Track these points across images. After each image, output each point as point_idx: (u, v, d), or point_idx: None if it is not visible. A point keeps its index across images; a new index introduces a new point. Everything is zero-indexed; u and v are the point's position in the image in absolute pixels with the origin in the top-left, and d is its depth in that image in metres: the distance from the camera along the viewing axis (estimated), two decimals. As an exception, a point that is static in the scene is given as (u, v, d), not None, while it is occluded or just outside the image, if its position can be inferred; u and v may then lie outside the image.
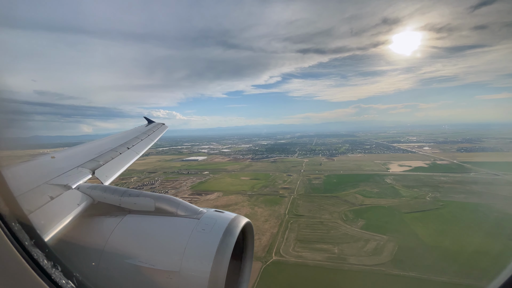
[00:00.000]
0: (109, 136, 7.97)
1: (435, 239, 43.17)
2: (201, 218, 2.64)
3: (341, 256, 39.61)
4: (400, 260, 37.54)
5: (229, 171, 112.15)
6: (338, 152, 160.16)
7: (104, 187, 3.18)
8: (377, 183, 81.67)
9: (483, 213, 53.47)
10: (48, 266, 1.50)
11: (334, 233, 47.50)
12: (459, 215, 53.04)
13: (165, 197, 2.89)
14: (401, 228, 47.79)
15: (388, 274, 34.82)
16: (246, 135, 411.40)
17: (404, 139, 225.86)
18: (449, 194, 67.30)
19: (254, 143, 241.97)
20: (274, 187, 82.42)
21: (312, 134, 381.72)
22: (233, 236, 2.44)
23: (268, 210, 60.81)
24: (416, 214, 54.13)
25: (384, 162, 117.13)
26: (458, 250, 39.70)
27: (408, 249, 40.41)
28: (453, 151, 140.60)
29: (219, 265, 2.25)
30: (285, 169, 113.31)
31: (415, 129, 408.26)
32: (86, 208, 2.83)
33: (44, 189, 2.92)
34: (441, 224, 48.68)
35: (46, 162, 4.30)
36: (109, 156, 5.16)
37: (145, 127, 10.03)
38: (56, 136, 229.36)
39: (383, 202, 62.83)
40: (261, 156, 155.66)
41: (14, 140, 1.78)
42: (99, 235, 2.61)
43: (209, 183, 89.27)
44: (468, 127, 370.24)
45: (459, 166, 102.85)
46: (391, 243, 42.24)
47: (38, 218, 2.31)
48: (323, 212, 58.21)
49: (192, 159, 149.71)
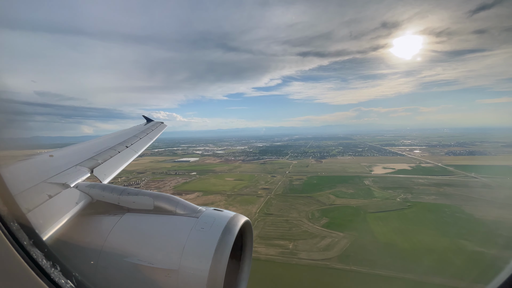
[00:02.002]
0: (107, 135, 8.02)
1: (389, 237, 44.98)
2: (200, 217, 2.64)
3: (294, 251, 41.64)
4: (347, 255, 39.45)
5: (216, 172, 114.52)
6: (329, 155, 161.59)
7: (102, 186, 3.18)
8: (355, 184, 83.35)
9: (446, 213, 55.03)
10: (47, 266, 1.49)
11: (295, 231, 49.52)
12: (421, 215, 54.69)
13: (164, 195, 2.89)
14: (360, 226, 49.57)
15: (330, 268, 36.76)
16: (245, 137, 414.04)
17: (399, 142, 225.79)
18: (420, 195, 68.79)
19: (250, 145, 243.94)
20: (255, 188, 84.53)
21: (310, 137, 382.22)
22: (232, 235, 2.45)
23: (240, 209, 62.89)
24: (380, 214, 55.86)
25: (370, 165, 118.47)
26: (406, 247, 41.49)
27: (358, 245, 42.29)
28: (442, 155, 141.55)
29: (218, 264, 2.25)
30: (272, 170, 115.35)
31: (413, 132, 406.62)
32: (84, 207, 2.82)
33: (42, 187, 2.90)
34: (400, 223, 50.41)
35: (44, 160, 4.29)
36: (108, 155, 5.17)
37: (144, 125, 10.11)
38: (57, 136, 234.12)
39: (353, 202, 64.62)
40: (253, 158, 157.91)
41: (15, 141, 1.76)
42: (98, 233, 2.60)
43: (192, 184, 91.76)
44: (468, 131, 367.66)
45: (442, 169, 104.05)
46: (345, 240, 44.15)
47: (36, 217, 2.28)
48: (292, 211, 60.22)
49: (183, 160, 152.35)
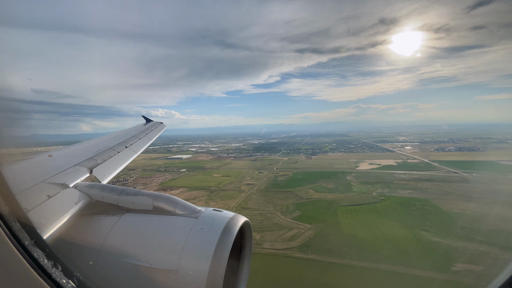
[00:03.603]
0: (107, 135, 8.05)
1: (353, 228, 46.89)
2: (199, 217, 2.64)
3: (259, 242, 43.59)
4: (308, 245, 41.45)
5: (205, 169, 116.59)
6: (321, 151, 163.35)
7: (102, 186, 3.18)
8: (337, 179, 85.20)
9: (415, 207, 56.79)
10: (49, 266, 1.50)
11: (266, 223, 51.52)
12: (391, 208, 56.49)
13: (163, 196, 2.90)
14: (329, 218, 51.56)
15: (289, 256, 38.79)
16: (242, 135, 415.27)
17: (393, 139, 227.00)
18: (397, 190, 70.57)
19: (245, 142, 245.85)
20: (239, 183, 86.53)
21: (307, 134, 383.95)
22: (231, 235, 2.45)
23: (220, 204, 65.00)
24: (352, 207, 57.72)
25: (358, 161, 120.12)
26: (367, 238, 43.41)
27: (321, 236, 44.30)
28: (431, 151, 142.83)
29: (217, 264, 2.25)
30: (261, 167, 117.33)
31: (411, 129, 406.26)
32: (83, 207, 2.82)
33: (41, 187, 2.89)
34: (367, 216, 52.26)
35: (44, 160, 4.28)
36: (107, 155, 5.18)
37: (143, 126, 10.13)
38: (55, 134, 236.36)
39: (329, 197, 66.53)
40: (245, 155, 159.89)
41: (15, 139, 1.77)
42: (97, 234, 2.60)
43: (179, 180, 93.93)
44: (466, 128, 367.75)
45: (427, 164, 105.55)
46: (310, 231, 46.14)
47: (36, 217, 2.27)
48: (269, 205, 62.19)
49: (176, 157, 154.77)
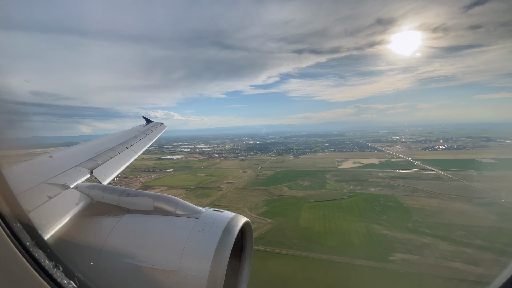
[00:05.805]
0: (107, 136, 8.08)
1: (310, 223, 49.03)
2: (200, 218, 2.65)
3: (218, 235, 45.96)
4: (262, 238, 43.59)
5: (192, 169, 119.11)
6: (311, 151, 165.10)
7: (102, 187, 3.20)
8: (315, 177, 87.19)
9: (379, 203, 58.69)
10: (50, 266, 1.50)
11: (231, 218, 53.80)
12: (355, 204, 58.44)
13: (164, 196, 2.92)
14: (291, 214, 53.73)
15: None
16: (240, 135, 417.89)
17: (387, 138, 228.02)
18: (369, 187, 72.40)
19: (240, 143, 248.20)
20: (220, 182, 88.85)
21: (304, 134, 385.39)
22: (232, 236, 2.46)
23: (194, 202, 67.10)
24: (318, 203, 59.78)
25: (342, 160, 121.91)
26: (320, 230, 45.56)
27: (277, 229, 46.49)
28: (418, 150, 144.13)
29: (218, 265, 2.26)
30: (247, 166, 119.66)
31: (408, 129, 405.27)
32: (84, 208, 2.84)
33: (42, 188, 2.91)
34: (329, 211, 54.36)
35: (44, 161, 4.31)
36: (108, 156, 5.21)
37: (143, 126, 10.16)
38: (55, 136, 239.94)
39: (300, 193, 68.64)
40: (236, 155, 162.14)
41: (15, 141, 1.78)
42: (98, 234, 2.62)
43: (162, 180, 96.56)
44: (464, 127, 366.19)
45: (409, 163, 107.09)
46: (269, 225, 48.34)
47: (37, 217, 2.28)
48: (240, 202, 64.47)
49: (167, 157, 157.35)
